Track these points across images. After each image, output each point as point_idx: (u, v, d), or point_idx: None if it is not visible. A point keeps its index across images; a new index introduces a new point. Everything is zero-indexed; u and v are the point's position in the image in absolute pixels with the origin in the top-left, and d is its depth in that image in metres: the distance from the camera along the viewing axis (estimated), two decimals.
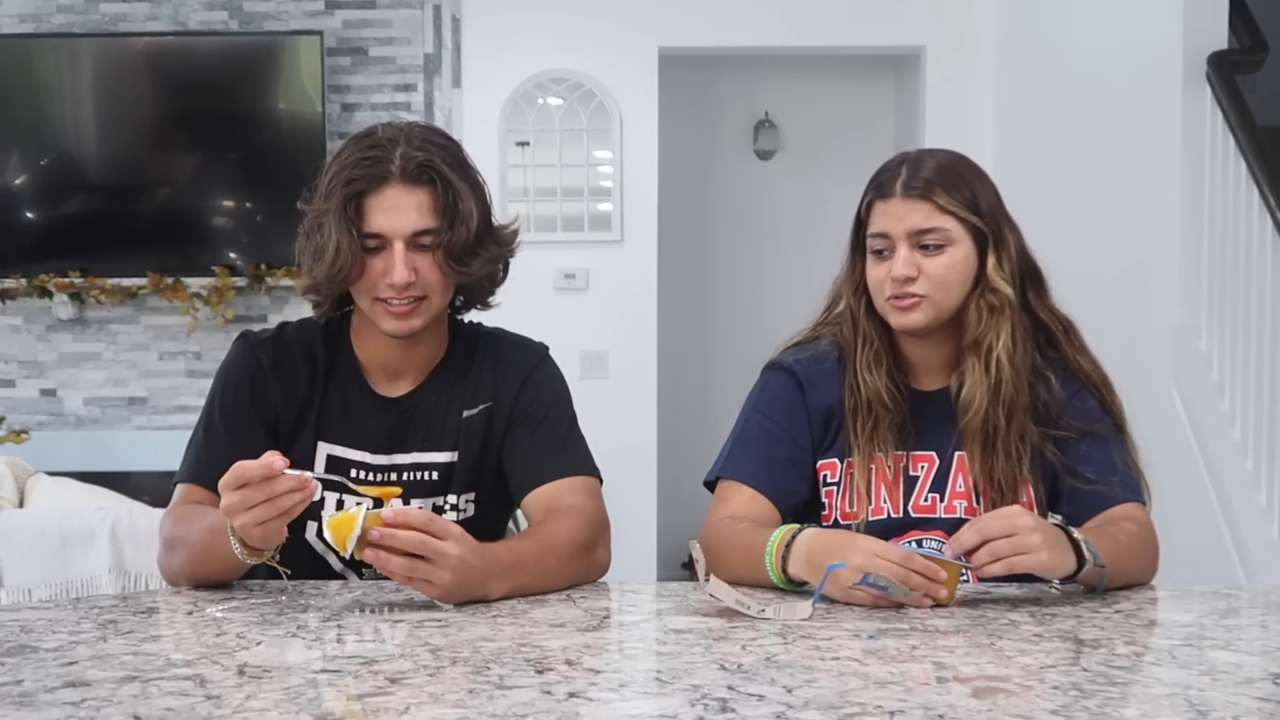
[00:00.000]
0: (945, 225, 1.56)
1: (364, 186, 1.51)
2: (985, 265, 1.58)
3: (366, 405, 1.65)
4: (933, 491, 1.61)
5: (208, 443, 1.61)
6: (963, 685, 1.00)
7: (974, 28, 4.84)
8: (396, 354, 1.65)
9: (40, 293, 4.87)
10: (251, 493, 1.30)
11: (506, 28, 4.86)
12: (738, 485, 1.62)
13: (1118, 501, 1.57)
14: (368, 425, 1.64)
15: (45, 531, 2.98)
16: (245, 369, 1.63)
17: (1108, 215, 3.77)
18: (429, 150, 1.54)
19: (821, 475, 1.64)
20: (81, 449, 4.88)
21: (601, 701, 0.95)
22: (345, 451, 1.63)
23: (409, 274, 1.52)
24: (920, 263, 1.56)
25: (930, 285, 1.56)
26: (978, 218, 1.57)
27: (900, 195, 1.56)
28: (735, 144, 5.61)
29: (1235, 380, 3.09)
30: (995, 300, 1.57)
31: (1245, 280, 3.06)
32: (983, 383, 1.57)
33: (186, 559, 1.50)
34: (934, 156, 1.60)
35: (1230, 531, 2.99)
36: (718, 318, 5.58)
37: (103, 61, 4.86)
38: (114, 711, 0.92)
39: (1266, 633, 1.33)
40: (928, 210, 1.55)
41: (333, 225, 1.51)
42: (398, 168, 1.51)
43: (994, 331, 1.57)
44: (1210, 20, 3.27)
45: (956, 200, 1.56)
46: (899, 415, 1.61)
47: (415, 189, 1.52)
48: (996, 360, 1.57)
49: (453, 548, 1.32)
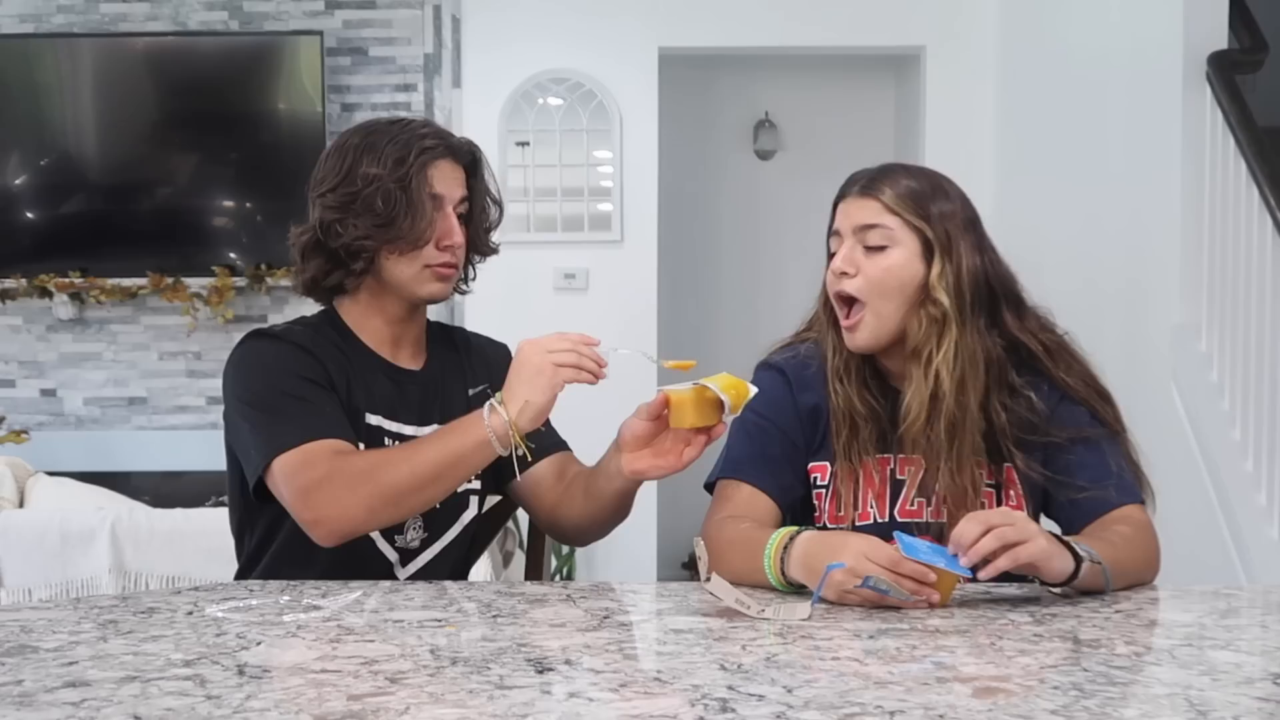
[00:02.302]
0: (889, 224, 1.57)
1: (432, 157, 1.67)
2: (928, 276, 1.57)
3: (393, 378, 1.74)
4: (919, 496, 1.60)
5: (304, 409, 1.62)
6: (963, 685, 1.00)
7: (974, 28, 4.84)
8: (406, 328, 1.76)
9: (40, 293, 4.87)
10: (582, 345, 1.53)
11: (506, 28, 4.86)
12: (736, 484, 1.62)
13: (1113, 506, 1.55)
14: (398, 396, 1.73)
15: (45, 531, 2.98)
16: (291, 350, 1.66)
17: (1108, 215, 3.77)
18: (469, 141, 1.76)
19: (812, 477, 1.64)
20: (81, 449, 4.88)
21: (601, 701, 0.95)
22: (383, 422, 1.71)
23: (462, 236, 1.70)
24: (860, 261, 1.57)
25: (867, 286, 1.57)
26: (924, 222, 1.56)
27: (854, 195, 1.61)
28: (735, 144, 5.61)
29: (1235, 380, 3.09)
30: (935, 312, 1.56)
31: (1245, 280, 3.06)
32: (920, 392, 1.56)
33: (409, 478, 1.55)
34: (904, 167, 1.62)
35: (1230, 531, 2.99)
36: (718, 318, 5.58)
37: (103, 61, 4.86)
38: (114, 711, 0.92)
39: (1266, 633, 1.33)
40: (874, 208, 1.58)
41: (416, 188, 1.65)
42: (452, 146, 1.71)
43: (933, 343, 1.56)
44: (1210, 20, 3.27)
45: (904, 202, 1.57)
46: (878, 421, 1.61)
47: (459, 167, 1.72)
48: (936, 372, 1.56)
49: None
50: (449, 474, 1.57)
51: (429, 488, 1.57)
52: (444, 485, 1.59)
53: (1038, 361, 1.61)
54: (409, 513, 1.62)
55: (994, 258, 1.62)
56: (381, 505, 1.55)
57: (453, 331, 1.87)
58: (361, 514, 1.55)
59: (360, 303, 1.73)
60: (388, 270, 1.69)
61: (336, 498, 1.54)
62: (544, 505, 1.78)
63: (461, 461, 1.56)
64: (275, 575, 1.67)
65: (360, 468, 1.56)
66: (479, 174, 1.75)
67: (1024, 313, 1.63)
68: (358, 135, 1.69)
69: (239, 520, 1.75)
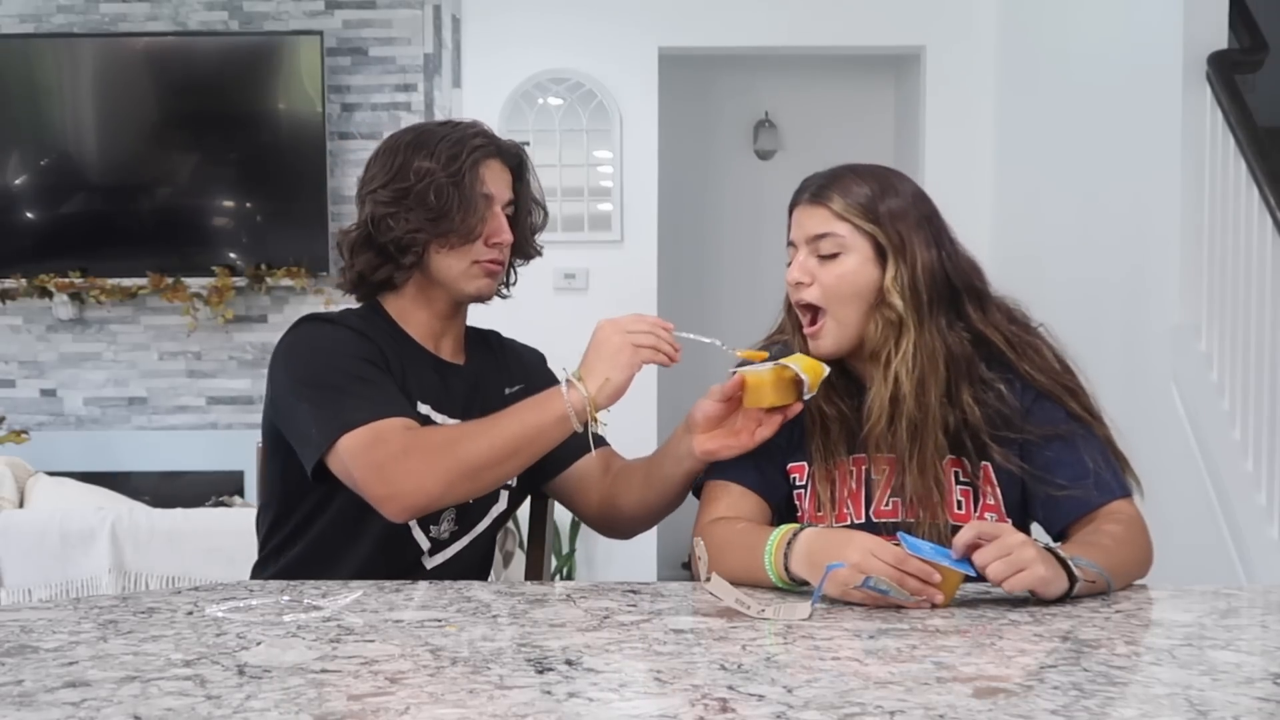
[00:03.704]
0: (839, 231, 1.56)
1: (483, 156, 1.71)
2: (885, 279, 1.56)
3: (439, 371, 1.76)
4: (894, 496, 1.59)
5: (368, 388, 1.62)
6: (963, 685, 1.00)
7: (974, 28, 4.84)
8: (450, 325, 1.79)
9: (40, 293, 4.87)
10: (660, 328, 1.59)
11: (506, 28, 4.86)
12: (724, 484, 1.62)
13: (1097, 503, 1.54)
14: (443, 389, 1.75)
15: (45, 531, 2.98)
16: (348, 334, 1.69)
17: (1108, 215, 3.77)
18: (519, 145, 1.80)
19: (791, 477, 1.64)
20: (81, 449, 4.88)
21: (601, 701, 0.95)
22: (431, 412, 1.72)
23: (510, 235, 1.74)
24: (814, 269, 1.58)
25: (824, 295, 1.57)
26: (875, 226, 1.56)
27: (805, 202, 1.60)
28: (735, 144, 5.61)
29: (1235, 380, 3.09)
30: (891, 315, 1.56)
31: (1245, 280, 3.06)
32: (880, 394, 1.56)
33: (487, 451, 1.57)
34: (852, 168, 1.62)
35: (1230, 531, 2.99)
36: (718, 318, 5.58)
37: (103, 61, 4.86)
38: (114, 711, 0.92)
39: (1266, 633, 1.33)
40: (824, 216, 1.58)
41: (469, 184, 1.69)
42: (501, 147, 1.75)
43: (891, 345, 1.56)
44: (1210, 20, 3.27)
45: (852, 207, 1.56)
46: (847, 423, 1.60)
47: (507, 169, 1.76)
48: (895, 374, 1.55)
49: None
50: (527, 449, 1.59)
51: (507, 462, 1.59)
52: (520, 460, 1.60)
53: (1002, 356, 1.60)
54: (485, 487, 1.65)
55: (952, 251, 1.60)
56: (459, 479, 1.57)
57: (488, 334, 1.90)
58: (439, 488, 1.56)
59: (406, 297, 1.76)
60: (436, 265, 1.72)
61: (413, 470, 1.55)
62: (591, 500, 1.80)
63: (540, 436, 1.59)
64: (308, 561, 1.69)
65: (437, 441, 1.58)
66: (524, 176, 1.78)
67: (987, 305, 1.61)
68: (409, 134, 1.74)
69: (276, 508, 1.75)
